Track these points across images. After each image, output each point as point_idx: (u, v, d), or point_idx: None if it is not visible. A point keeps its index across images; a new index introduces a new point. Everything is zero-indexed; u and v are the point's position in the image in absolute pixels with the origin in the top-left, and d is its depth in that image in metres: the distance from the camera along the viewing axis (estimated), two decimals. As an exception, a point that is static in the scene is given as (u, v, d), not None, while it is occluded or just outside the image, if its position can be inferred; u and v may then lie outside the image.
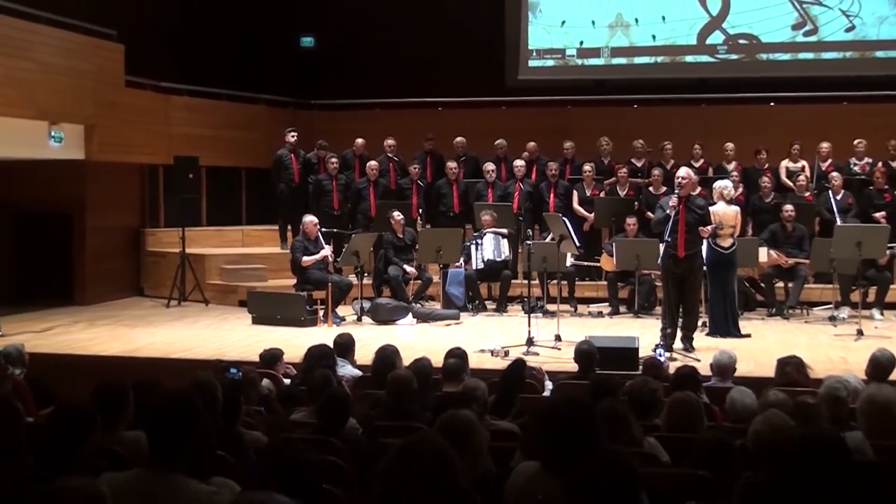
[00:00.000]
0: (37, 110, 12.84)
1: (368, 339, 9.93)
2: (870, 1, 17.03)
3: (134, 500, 3.64)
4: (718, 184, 11.61)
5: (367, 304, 12.68)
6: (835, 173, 13.94)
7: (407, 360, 7.34)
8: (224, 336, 11.60)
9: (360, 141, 15.66)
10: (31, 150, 13.05)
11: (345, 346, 8.35)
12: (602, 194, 14.33)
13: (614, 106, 17.53)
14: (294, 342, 10.12)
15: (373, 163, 14.75)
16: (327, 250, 12.73)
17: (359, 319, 12.57)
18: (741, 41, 17.45)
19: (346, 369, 7.94)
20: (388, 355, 7.28)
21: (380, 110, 17.73)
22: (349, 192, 14.76)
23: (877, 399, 5.30)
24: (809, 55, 17.44)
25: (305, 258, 12.55)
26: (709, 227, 10.25)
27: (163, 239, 15.40)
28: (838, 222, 12.96)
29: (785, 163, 14.77)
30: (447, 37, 17.63)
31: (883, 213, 13.42)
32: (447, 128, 16.33)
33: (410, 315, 12.52)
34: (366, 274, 12.97)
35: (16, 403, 4.73)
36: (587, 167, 14.51)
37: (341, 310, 12.74)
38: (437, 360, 7.40)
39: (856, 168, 14.57)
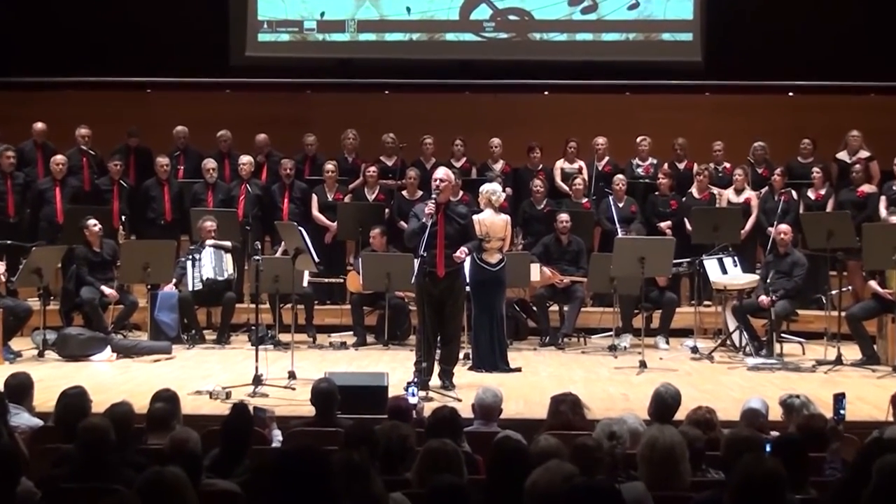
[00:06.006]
0: None
1: (54, 380, 9.72)
2: (656, -26, 17.81)
3: None
4: (485, 187, 11.74)
5: (52, 336, 12.38)
6: (619, 176, 14.43)
7: (103, 405, 7.18)
8: None
9: (39, 125, 15.18)
10: None
11: (20, 388, 8.09)
12: (347, 199, 14.46)
13: (362, 91, 17.76)
14: (-47, 385, 9.74)
15: (59, 157, 14.38)
16: None
17: (41, 354, 12.22)
18: (511, 17, 17.86)
19: (21, 418, 7.70)
20: (76, 400, 7.15)
21: (71, 91, 17.25)
22: (29, 193, 14.33)
23: (659, 443, 5.46)
24: (588, 36, 17.99)
25: (-29, 278, 12.16)
26: (462, 255, 10.32)
27: None
28: (620, 234, 13.47)
29: (560, 163, 15.22)
30: (157, 4, 17.31)
31: (668, 222, 14.04)
32: (157, 115, 16.22)
33: (109, 348, 12.26)
34: (51, 297, 12.66)
35: None
36: (329, 166, 14.60)
37: (16, 343, 12.41)
38: (142, 405, 7.35)
39: (639, 170, 15.11)
